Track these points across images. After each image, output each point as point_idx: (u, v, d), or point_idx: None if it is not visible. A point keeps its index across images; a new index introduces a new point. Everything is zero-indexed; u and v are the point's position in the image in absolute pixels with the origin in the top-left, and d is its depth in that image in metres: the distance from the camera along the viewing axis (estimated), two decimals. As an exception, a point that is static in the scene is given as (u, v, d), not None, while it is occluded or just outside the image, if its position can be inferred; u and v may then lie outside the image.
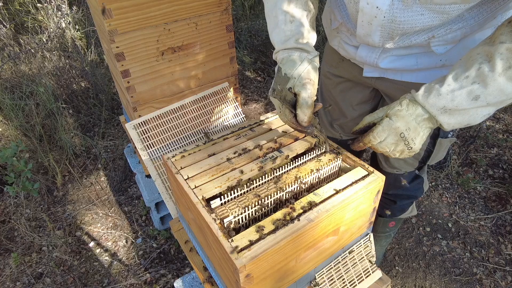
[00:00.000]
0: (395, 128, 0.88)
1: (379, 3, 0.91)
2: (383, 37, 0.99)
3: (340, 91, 1.39)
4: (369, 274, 1.04)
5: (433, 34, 0.96)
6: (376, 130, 0.90)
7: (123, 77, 1.43)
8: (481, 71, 0.79)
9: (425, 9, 0.88)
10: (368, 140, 0.92)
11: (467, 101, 0.82)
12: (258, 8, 4.32)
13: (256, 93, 3.40)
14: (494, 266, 1.93)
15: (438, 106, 0.85)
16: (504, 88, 0.79)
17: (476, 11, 0.94)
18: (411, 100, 0.89)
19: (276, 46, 1.01)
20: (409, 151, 0.92)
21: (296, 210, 0.84)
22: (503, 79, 0.78)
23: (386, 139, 0.90)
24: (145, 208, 2.32)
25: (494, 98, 0.80)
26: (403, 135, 0.89)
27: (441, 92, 0.83)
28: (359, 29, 1.02)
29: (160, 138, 1.51)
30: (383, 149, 0.92)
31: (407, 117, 0.88)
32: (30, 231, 2.18)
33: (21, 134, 2.76)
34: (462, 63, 0.84)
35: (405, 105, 0.89)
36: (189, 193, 0.90)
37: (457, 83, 0.82)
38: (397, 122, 0.88)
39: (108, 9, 1.26)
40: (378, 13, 0.93)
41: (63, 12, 3.20)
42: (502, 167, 2.49)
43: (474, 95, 0.81)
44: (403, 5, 0.89)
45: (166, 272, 1.96)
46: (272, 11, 1.01)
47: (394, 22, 0.93)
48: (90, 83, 3.21)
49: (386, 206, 1.51)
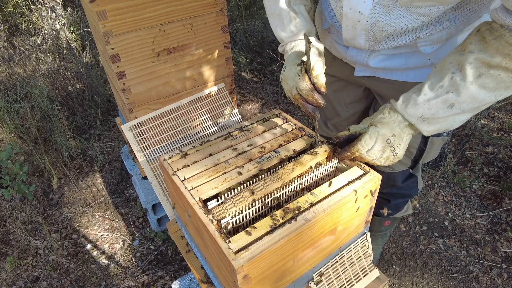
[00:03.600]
0: (382, 135, 0.91)
1: (361, 8, 0.93)
2: (368, 40, 1.01)
3: (333, 91, 1.40)
4: (366, 273, 1.04)
5: (418, 35, 0.98)
6: (364, 138, 0.91)
7: (119, 78, 1.42)
8: (454, 81, 0.83)
9: (406, 11, 0.90)
10: (356, 149, 0.93)
11: (443, 109, 0.86)
12: (254, 8, 4.32)
13: (252, 93, 3.40)
14: (490, 263, 1.94)
15: (417, 115, 0.89)
16: (476, 96, 0.82)
17: (460, 11, 0.96)
18: (391, 108, 0.94)
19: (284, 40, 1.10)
20: (394, 158, 0.94)
21: (293, 210, 0.84)
22: (474, 87, 0.81)
23: (373, 147, 0.91)
24: (142, 210, 2.31)
25: (467, 105, 0.84)
26: (389, 141, 0.91)
27: (418, 102, 0.88)
28: (344, 32, 1.05)
29: (157, 139, 1.51)
30: (369, 157, 0.93)
31: (391, 123, 0.92)
32: (25, 234, 2.16)
33: (16, 136, 2.73)
34: (437, 72, 0.88)
35: (387, 113, 0.93)
36: (186, 194, 0.90)
37: (433, 93, 0.86)
38: (383, 129, 0.91)
39: (103, 10, 1.26)
40: (361, 18, 0.95)
41: (57, 14, 3.18)
42: (497, 165, 2.51)
43: (449, 103, 0.85)
44: (384, 9, 0.91)
45: (164, 274, 1.95)
46: (275, 9, 1.08)
47: (377, 26, 0.96)
48: (86, 85, 3.19)
49: (381, 205, 1.51)
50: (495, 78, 0.79)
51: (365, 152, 0.92)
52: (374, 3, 0.91)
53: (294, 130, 1.13)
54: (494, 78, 0.80)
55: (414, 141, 1.25)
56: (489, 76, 0.80)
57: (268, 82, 3.48)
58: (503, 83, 0.80)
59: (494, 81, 0.80)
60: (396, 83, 1.15)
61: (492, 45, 0.78)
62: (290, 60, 1.02)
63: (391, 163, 0.96)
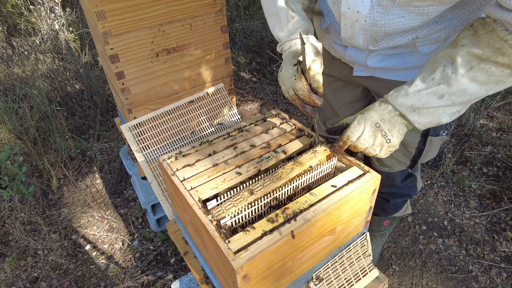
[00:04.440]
0: (369, 119, 0.92)
1: (360, 7, 0.93)
2: (367, 40, 1.02)
3: (332, 90, 1.40)
4: (366, 273, 1.04)
5: (416, 35, 0.98)
6: (352, 125, 0.93)
7: (118, 79, 1.42)
8: (445, 73, 0.84)
9: (404, 11, 0.91)
10: (346, 137, 0.94)
11: (433, 99, 0.87)
12: (253, 8, 4.32)
13: (252, 93, 3.40)
14: (489, 263, 1.94)
15: (407, 105, 0.90)
16: (466, 88, 0.83)
17: (459, 11, 0.96)
18: (382, 100, 0.95)
19: (282, 40, 1.09)
20: (389, 146, 0.94)
21: (293, 210, 0.84)
22: (466, 79, 0.82)
23: (363, 133, 0.92)
24: (141, 210, 2.31)
25: (458, 97, 0.85)
26: (379, 124, 0.92)
27: (409, 92, 0.89)
28: (343, 32, 1.05)
29: (156, 139, 1.51)
30: (362, 145, 0.93)
31: (379, 110, 0.93)
32: (25, 235, 2.16)
33: (15, 137, 2.73)
34: (429, 66, 0.89)
35: (377, 103, 0.95)
36: (185, 194, 0.89)
37: (424, 84, 0.88)
38: (370, 114, 0.93)
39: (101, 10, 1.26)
40: (359, 17, 0.95)
41: (56, 14, 3.17)
42: (496, 165, 2.51)
43: (440, 94, 0.86)
44: (382, 9, 0.91)
45: (163, 274, 1.95)
46: (273, 9, 1.08)
47: (375, 26, 0.96)
48: (85, 85, 3.19)
49: (379, 205, 1.51)
50: (486, 71, 0.80)
51: (356, 140, 0.93)
52: (373, 2, 0.91)
53: (293, 130, 1.13)
54: (485, 71, 0.81)
55: (413, 141, 1.25)
56: (480, 70, 0.81)
57: (267, 82, 3.49)
58: (493, 77, 0.81)
59: (484, 75, 0.81)
60: (394, 82, 1.15)
61: (484, 39, 0.79)
62: (287, 60, 1.02)
63: (388, 153, 0.96)
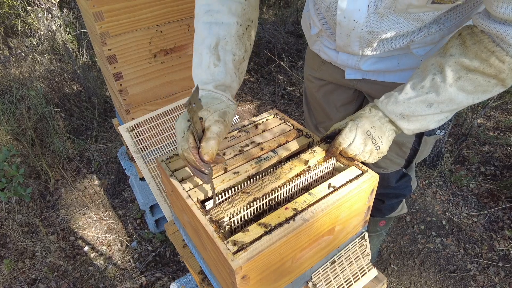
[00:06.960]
0: (361, 127, 0.92)
1: (356, 16, 0.93)
2: (362, 46, 1.02)
3: (323, 94, 1.40)
4: (365, 272, 1.05)
5: (411, 38, 0.99)
6: (344, 131, 0.93)
7: (116, 79, 1.42)
8: (435, 82, 0.86)
9: (400, 17, 0.91)
10: (338, 143, 0.93)
11: (422, 108, 0.89)
12: (250, 9, 4.32)
13: (249, 94, 3.40)
14: (487, 262, 1.95)
15: (396, 112, 0.91)
16: (454, 98, 0.85)
17: (452, 13, 0.97)
18: (373, 106, 0.96)
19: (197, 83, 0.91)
20: (378, 152, 0.95)
21: (291, 210, 0.84)
22: (454, 89, 0.84)
23: (355, 140, 0.92)
24: (139, 211, 2.30)
25: (446, 106, 0.87)
26: (370, 132, 0.92)
27: (399, 100, 0.90)
28: (338, 40, 1.04)
29: (154, 140, 1.50)
30: (353, 152, 0.93)
31: (371, 117, 0.94)
32: (22, 237, 2.15)
33: (12, 138, 2.72)
34: (420, 72, 0.90)
35: (367, 109, 0.95)
36: (183, 195, 0.89)
37: (414, 92, 0.89)
38: (361, 121, 0.93)
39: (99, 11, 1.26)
40: (355, 26, 0.95)
41: (53, 15, 3.17)
42: (493, 164, 2.52)
43: (428, 102, 0.88)
44: (379, 17, 0.92)
45: (162, 275, 1.95)
46: (199, 47, 0.95)
47: (372, 33, 0.96)
48: (82, 86, 3.18)
49: (375, 206, 1.51)
50: (473, 81, 0.82)
51: (348, 146, 0.93)
52: (369, 11, 0.91)
53: (291, 131, 1.13)
54: (472, 81, 0.82)
55: (408, 141, 1.26)
56: (468, 80, 0.82)
57: (265, 83, 3.49)
58: (480, 87, 0.83)
59: (472, 85, 0.83)
60: (388, 84, 1.15)
61: (471, 49, 0.80)
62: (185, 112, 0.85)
63: (376, 159, 0.96)
